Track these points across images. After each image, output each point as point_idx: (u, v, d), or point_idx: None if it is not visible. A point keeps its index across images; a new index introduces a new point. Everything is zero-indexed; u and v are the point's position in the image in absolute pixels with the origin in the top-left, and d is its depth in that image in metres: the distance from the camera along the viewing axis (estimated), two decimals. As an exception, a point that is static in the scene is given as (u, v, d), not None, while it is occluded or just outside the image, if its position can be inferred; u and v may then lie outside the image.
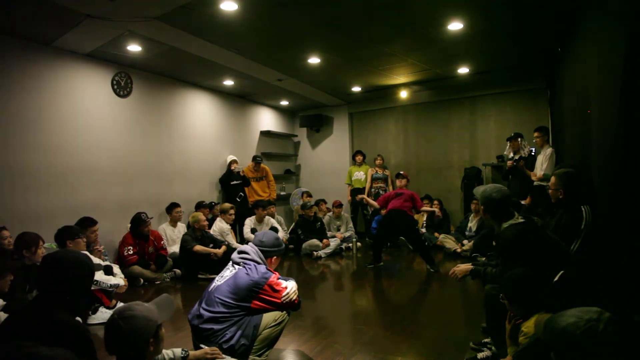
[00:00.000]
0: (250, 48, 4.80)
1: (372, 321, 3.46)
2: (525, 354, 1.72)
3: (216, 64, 5.25)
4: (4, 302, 2.69)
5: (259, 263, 2.39)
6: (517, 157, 5.13)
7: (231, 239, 5.56)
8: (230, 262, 2.46)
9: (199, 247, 4.84)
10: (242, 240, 5.90)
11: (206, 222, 5.11)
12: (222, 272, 2.44)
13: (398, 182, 5.74)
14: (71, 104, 4.64)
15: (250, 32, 4.28)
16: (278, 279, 2.37)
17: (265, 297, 2.26)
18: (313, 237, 6.25)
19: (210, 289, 2.35)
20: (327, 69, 5.69)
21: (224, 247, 5.06)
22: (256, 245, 2.49)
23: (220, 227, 5.55)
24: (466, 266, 2.64)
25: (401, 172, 5.89)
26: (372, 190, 7.12)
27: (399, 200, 5.24)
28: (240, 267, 2.36)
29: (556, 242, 2.24)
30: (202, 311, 2.27)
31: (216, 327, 2.20)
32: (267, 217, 6.17)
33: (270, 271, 2.38)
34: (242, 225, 6.11)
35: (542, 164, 4.59)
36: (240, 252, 2.45)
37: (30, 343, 1.08)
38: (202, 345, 2.17)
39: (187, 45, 4.54)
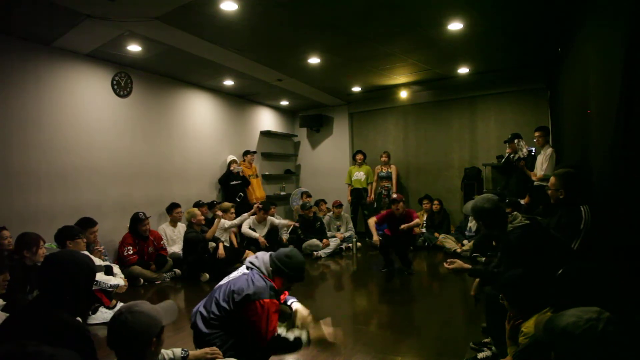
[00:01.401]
0: (250, 48, 4.80)
1: (372, 321, 3.46)
2: (525, 354, 1.72)
3: (216, 64, 5.25)
4: (4, 302, 2.69)
5: (262, 274, 2.14)
6: (516, 157, 5.13)
7: (229, 223, 5.57)
8: (244, 265, 2.26)
9: (211, 232, 4.95)
10: (242, 239, 5.91)
11: (202, 217, 5.14)
12: (231, 274, 2.28)
13: (393, 207, 5.04)
14: (71, 104, 4.64)
15: (251, 32, 4.28)
16: (275, 311, 2.04)
17: (247, 317, 1.99)
18: (313, 237, 6.25)
19: (215, 288, 2.21)
20: (327, 69, 5.68)
21: (221, 245, 5.07)
22: (273, 257, 2.21)
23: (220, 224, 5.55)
24: (464, 264, 2.64)
25: (394, 196, 5.18)
26: (378, 188, 7.17)
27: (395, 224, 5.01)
28: (247, 271, 2.16)
29: (562, 242, 2.24)
30: (200, 309, 2.13)
31: (204, 329, 2.04)
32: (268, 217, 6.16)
33: (274, 292, 2.07)
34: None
35: (542, 164, 4.59)
36: (254, 257, 2.26)
37: (33, 342, 1.08)
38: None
39: (187, 45, 4.54)
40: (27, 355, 1.03)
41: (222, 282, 2.21)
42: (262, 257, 2.21)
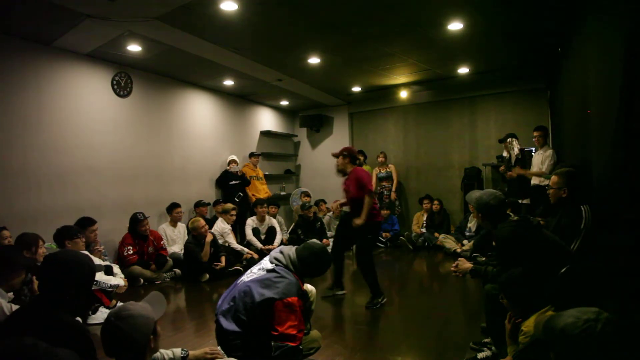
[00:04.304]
0: (250, 48, 4.80)
1: (372, 321, 3.46)
2: (525, 354, 1.72)
3: (216, 64, 5.25)
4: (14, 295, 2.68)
5: (288, 270, 2.09)
6: (515, 159, 5.12)
7: (231, 239, 5.55)
8: (267, 259, 2.20)
9: (205, 255, 4.83)
10: (243, 241, 5.90)
11: (205, 228, 4.96)
12: (253, 267, 2.22)
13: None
14: (71, 104, 4.64)
15: (251, 32, 4.29)
16: (302, 310, 2.04)
17: (276, 316, 1.95)
18: (313, 237, 6.22)
19: (238, 283, 2.15)
20: (327, 69, 5.68)
21: (223, 258, 5.06)
22: (299, 255, 2.15)
23: (221, 227, 5.54)
24: (467, 264, 2.64)
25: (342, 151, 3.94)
26: (378, 189, 7.16)
27: (346, 195, 3.94)
28: (271, 266, 2.09)
29: (554, 240, 2.23)
30: (223, 306, 2.09)
31: (228, 328, 2.01)
32: (267, 217, 6.16)
33: (300, 291, 2.08)
34: (243, 225, 6.10)
35: (541, 163, 4.59)
36: (278, 252, 2.20)
37: (30, 338, 1.08)
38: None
39: (187, 45, 4.54)
40: (24, 348, 1.03)
41: (245, 278, 2.14)
42: (287, 253, 2.16)
